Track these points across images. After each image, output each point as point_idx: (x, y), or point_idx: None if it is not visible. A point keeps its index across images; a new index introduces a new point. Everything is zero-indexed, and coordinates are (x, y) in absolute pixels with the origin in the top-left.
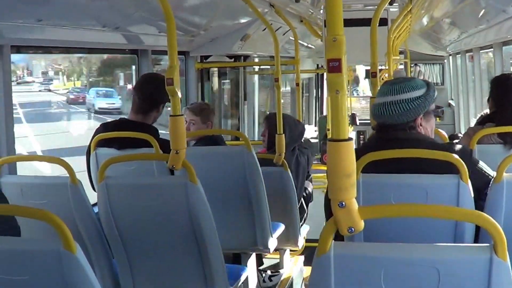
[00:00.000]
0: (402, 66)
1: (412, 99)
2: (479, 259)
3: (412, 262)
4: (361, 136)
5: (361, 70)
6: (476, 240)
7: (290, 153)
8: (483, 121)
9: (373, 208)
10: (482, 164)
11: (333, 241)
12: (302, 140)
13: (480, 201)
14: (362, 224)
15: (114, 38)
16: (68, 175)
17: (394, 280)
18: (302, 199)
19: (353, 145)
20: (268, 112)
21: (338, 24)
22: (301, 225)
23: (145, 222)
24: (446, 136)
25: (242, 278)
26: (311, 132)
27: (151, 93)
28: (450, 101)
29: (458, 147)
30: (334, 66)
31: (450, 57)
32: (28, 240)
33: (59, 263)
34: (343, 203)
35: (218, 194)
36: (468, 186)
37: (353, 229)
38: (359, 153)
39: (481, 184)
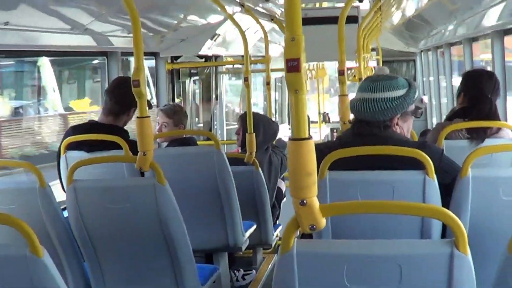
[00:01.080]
0: (374, 63)
1: (391, 98)
2: (440, 254)
3: (374, 258)
4: (335, 133)
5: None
6: (444, 237)
7: (263, 152)
8: (452, 117)
9: (334, 206)
10: (451, 161)
11: (296, 239)
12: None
13: (448, 197)
14: (323, 221)
15: (83, 41)
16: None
17: (357, 277)
18: (274, 198)
19: (313, 143)
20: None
21: (296, 23)
22: (274, 223)
23: (114, 224)
24: (415, 134)
25: (214, 278)
26: (284, 130)
27: (123, 96)
28: (422, 97)
29: (429, 145)
30: (293, 66)
31: (422, 53)
32: None
33: (26, 267)
34: (305, 201)
35: (189, 195)
36: (434, 182)
37: (314, 226)
38: (331, 148)
39: (449, 180)
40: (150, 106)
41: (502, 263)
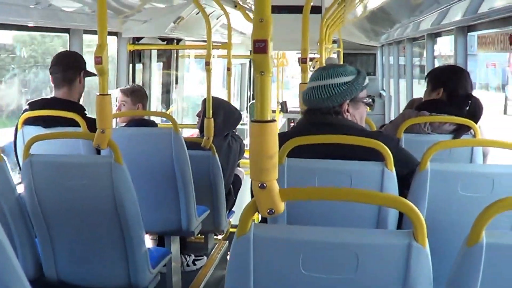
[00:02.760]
0: (335, 55)
1: (339, 84)
2: (398, 245)
3: (331, 246)
4: (291, 124)
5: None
6: (399, 228)
7: (222, 139)
8: (421, 108)
9: (294, 190)
10: (408, 153)
11: (253, 222)
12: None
13: (404, 189)
14: (282, 206)
15: (46, 16)
16: None
17: (313, 263)
18: (231, 185)
19: (276, 126)
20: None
21: (266, 5)
22: (229, 210)
23: (68, 201)
24: (374, 125)
25: (165, 261)
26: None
27: (70, 62)
28: (381, 92)
29: (385, 134)
30: (260, 47)
31: (383, 47)
32: None
33: None
34: (264, 184)
35: (144, 176)
36: (393, 174)
37: (273, 210)
38: (288, 136)
39: (406, 173)
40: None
41: (459, 256)
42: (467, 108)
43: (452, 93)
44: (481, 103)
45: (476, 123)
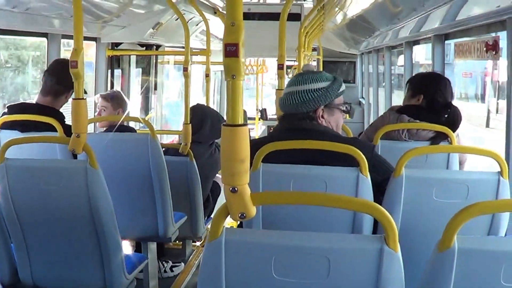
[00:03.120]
0: (315, 63)
1: (312, 90)
2: (370, 249)
3: (303, 250)
4: (271, 131)
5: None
6: (375, 233)
7: (206, 147)
8: (399, 111)
9: (266, 194)
10: (383, 159)
11: (225, 227)
12: None
13: (379, 195)
14: (254, 210)
15: (24, 20)
16: None
17: (285, 268)
18: (210, 192)
19: (247, 130)
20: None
21: (237, 9)
22: (207, 217)
23: (44, 205)
24: (351, 132)
25: (142, 267)
26: None
27: (65, 78)
28: (361, 99)
29: (361, 141)
30: (231, 51)
31: (362, 55)
32: None
33: None
34: (236, 188)
35: (121, 181)
36: (368, 179)
37: (244, 214)
38: (264, 142)
39: (381, 179)
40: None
41: (430, 261)
42: (446, 116)
43: (431, 100)
44: (460, 112)
45: (454, 131)
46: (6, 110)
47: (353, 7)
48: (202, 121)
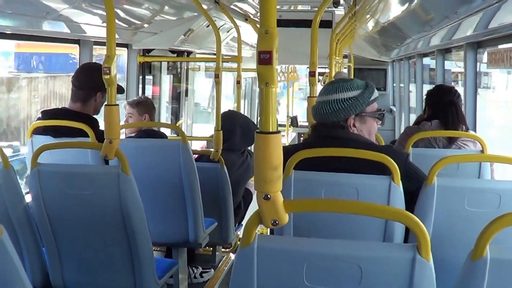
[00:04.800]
0: (346, 70)
1: (342, 99)
2: (402, 258)
3: (335, 258)
4: (302, 138)
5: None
6: (406, 242)
7: (239, 155)
8: (419, 122)
9: (298, 202)
10: (417, 168)
11: (257, 233)
12: None
13: (412, 204)
14: (286, 217)
15: (56, 27)
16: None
17: (317, 275)
18: (242, 198)
19: (280, 138)
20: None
21: (271, 16)
22: (238, 224)
23: (76, 210)
24: (383, 140)
25: (172, 272)
26: None
27: (87, 81)
28: (392, 107)
29: (394, 149)
30: (265, 58)
31: (393, 62)
32: None
33: None
34: (268, 195)
35: (152, 187)
36: (400, 188)
37: (277, 221)
38: (296, 149)
39: (415, 188)
40: (122, 90)
41: (463, 271)
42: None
43: (435, 106)
44: (460, 109)
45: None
46: (40, 115)
47: (385, 14)
48: (233, 129)
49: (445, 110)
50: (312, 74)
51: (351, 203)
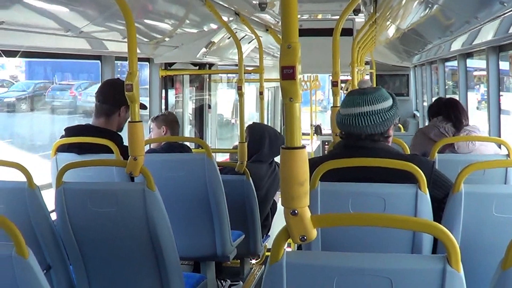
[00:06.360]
0: (368, 77)
1: (387, 109)
2: (432, 269)
3: (365, 271)
4: (326, 146)
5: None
6: (434, 252)
7: (267, 166)
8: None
9: (326, 217)
10: (443, 176)
11: (285, 249)
12: None
13: (440, 212)
14: (314, 232)
15: (78, 43)
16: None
17: None
18: (269, 210)
19: (306, 153)
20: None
21: (293, 31)
22: (265, 235)
23: (102, 228)
24: (407, 146)
25: (201, 287)
26: None
27: (109, 96)
28: (415, 112)
29: (420, 157)
30: (288, 73)
31: (415, 68)
32: None
33: (10, 267)
34: (296, 211)
35: (178, 202)
36: (426, 196)
37: (305, 237)
38: (323, 161)
39: (442, 196)
40: (144, 107)
41: (494, 280)
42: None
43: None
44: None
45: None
46: (64, 132)
47: (405, 20)
48: (261, 140)
49: (446, 107)
50: (335, 84)
51: (379, 216)
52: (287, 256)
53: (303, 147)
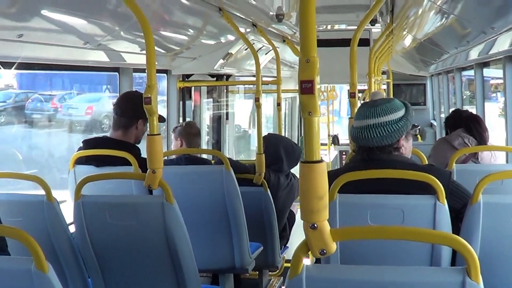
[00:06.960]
0: (384, 86)
1: (395, 120)
2: (452, 282)
3: (384, 285)
4: (343, 156)
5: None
6: (453, 264)
7: (284, 178)
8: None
9: (346, 230)
10: (461, 186)
11: (305, 264)
12: None
13: (458, 222)
14: (334, 246)
15: (96, 56)
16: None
17: None
18: (286, 221)
19: (325, 167)
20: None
21: (311, 45)
22: (283, 246)
23: (121, 241)
24: (424, 156)
25: None
26: None
27: (127, 109)
28: (432, 121)
29: (437, 168)
30: (307, 88)
31: (432, 77)
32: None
33: (30, 282)
34: (315, 225)
35: (196, 214)
36: (445, 207)
37: (325, 251)
38: (342, 172)
39: (460, 206)
40: (163, 119)
41: None
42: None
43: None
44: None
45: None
46: (82, 145)
47: (421, 30)
48: (278, 151)
49: (466, 121)
50: (352, 95)
51: (398, 229)
52: (307, 270)
53: (322, 160)
